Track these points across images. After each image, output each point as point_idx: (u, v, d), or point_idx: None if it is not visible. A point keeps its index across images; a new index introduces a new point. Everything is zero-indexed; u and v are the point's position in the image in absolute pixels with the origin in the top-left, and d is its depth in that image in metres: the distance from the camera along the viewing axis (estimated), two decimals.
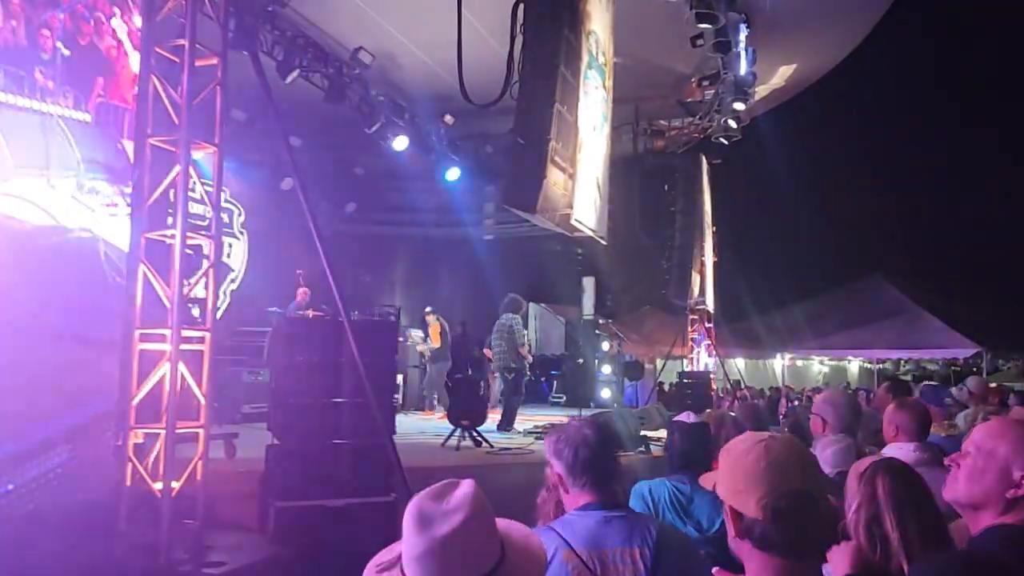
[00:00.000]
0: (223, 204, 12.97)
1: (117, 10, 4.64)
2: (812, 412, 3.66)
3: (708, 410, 5.67)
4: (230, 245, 13.64)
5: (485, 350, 11.67)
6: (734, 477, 1.50)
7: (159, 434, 4.24)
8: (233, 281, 13.70)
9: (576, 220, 7.73)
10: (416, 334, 12.65)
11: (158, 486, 4.14)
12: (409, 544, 1.28)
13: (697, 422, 3.47)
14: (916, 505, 2.05)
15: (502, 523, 1.40)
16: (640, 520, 2.20)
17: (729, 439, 3.76)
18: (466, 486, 1.33)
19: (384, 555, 1.38)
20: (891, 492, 2.12)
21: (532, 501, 2.80)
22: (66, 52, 4.18)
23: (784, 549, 1.43)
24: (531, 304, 14.90)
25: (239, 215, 13.91)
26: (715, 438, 3.60)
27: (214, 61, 4.58)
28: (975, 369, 18.46)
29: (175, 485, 4.18)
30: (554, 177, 7.09)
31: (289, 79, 10.10)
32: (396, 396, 10.69)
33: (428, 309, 12.32)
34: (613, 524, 2.13)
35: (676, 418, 3.56)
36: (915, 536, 2.02)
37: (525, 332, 10.00)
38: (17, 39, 3.87)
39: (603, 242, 9.27)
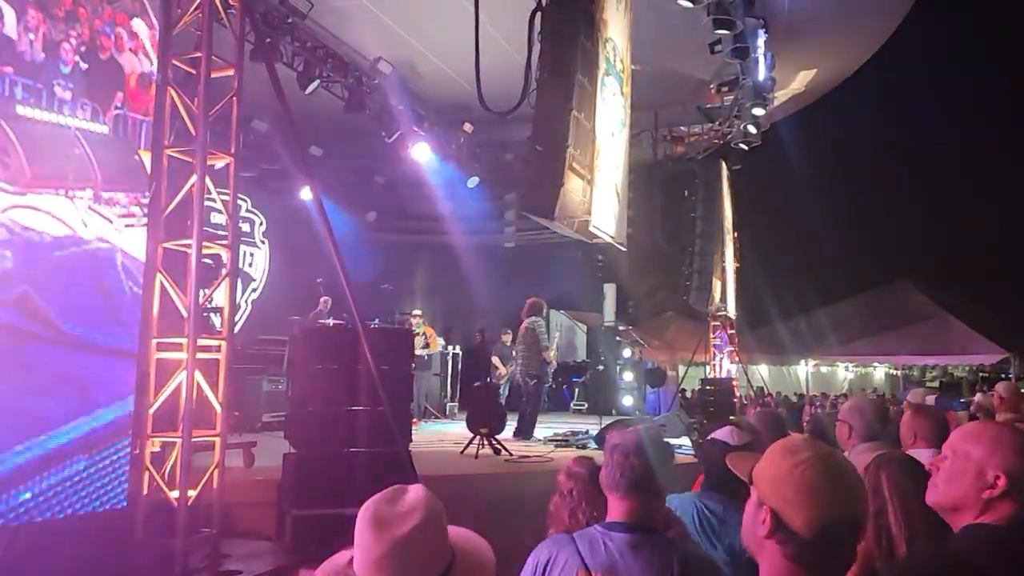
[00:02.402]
0: (245, 214, 13.26)
1: (138, 22, 4.69)
2: (839, 419, 3.60)
3: (732, 417, 5.58)
4: (251, 254, 13.77)
5: (494, 358, 11.65)
6: (788, 484, 1.45)
7: (175, 443, 4.27)
8: (255, 290, 13.83)
9: (594, 226, 7.69)
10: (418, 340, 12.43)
11: (174, 494, 4.17)
12: (366, 547, 1.28)
13: (742, 442, 3.33)
14: (920, 497, 2.02)
15: (458, 533, 1.41)
16: (665, 548, 2.12)
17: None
18: (417, 490, 1.35)
19: (329, 565, 1.38)
20: (895, 484, 2.09)
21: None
22: (84, 66, 4.23)
23: (817, 569, 1.41)
24: (552, 311, 14.85)
25: (260, 224, 14.04)
26: None
27: (230, 72, 4.63)
28: (1003, 375, 18.15)
29: (191, 493, 4.20)
30: (572, 184, 7.06)
31: (309, 90, 10.19)
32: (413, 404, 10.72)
33: (418, 312, 12.24)
34: (636, 551, 2.07)
35: (718, 435, 3.36)
36: (919, 527, 1.99)
37: (555, 335, 9.94)
38: (35, 53, 3.92)
39: (622, 248, 9.22)
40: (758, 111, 12.21)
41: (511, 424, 8.94)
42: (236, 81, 4.57)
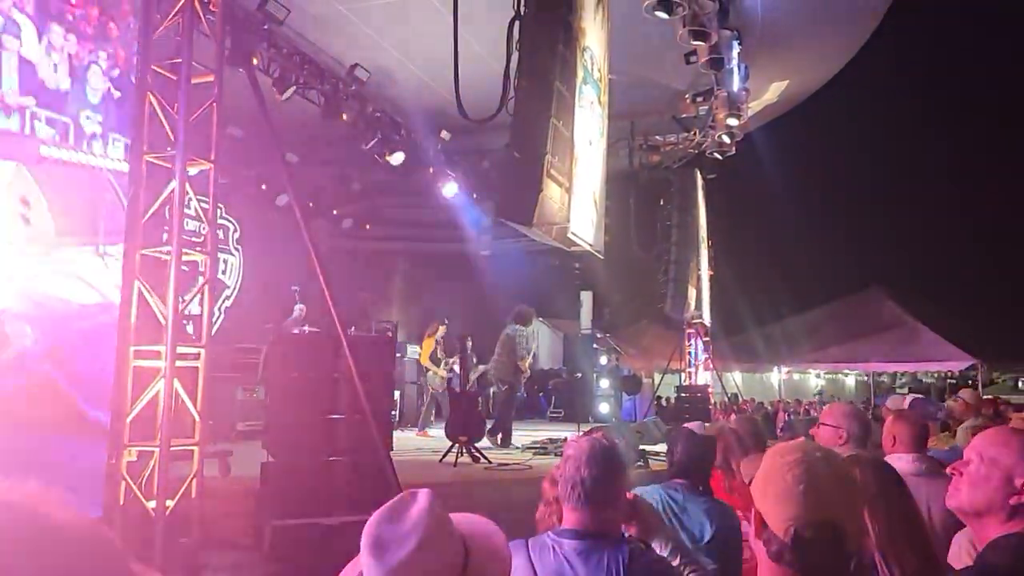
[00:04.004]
0: (219, 220, 13.11)
1: None
2: (829, 425, 3.63)
3: (707, 423, 5.63)
4: (225, 261, 13.63)
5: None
6: (769, 487, 1.48)
7: (153, 452, 4.21)
8: (228, 298, 13.69)
9: (573, 233, 7.72)
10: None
11: (152, 504, 4.11)
12: (367, 570, 1.27)
13: (706, 435, 3.45)
14: (887, 499, 2.05)
15: (465, 522, 1.38)
16: (613, 552, 2.15)
17: (728, 452, 3.78)
18: (421, 501, 1.31)
19: (349, 571, 1.37)
20: (864, 485, 2.11)
21: (531, 517, 2.78)
22: (117, 94, 3.80)
23: (799, 571, 1.43)
24: None
25: (234, 231, 13.91)
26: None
27: (210, 78, 4.58)
28: (970, 381, 18.46)
29: (169, 503, 4.14)
30: (550, 191, 7.08)
31: (285, 96, 10.13)
32: (393, 412, 10.63)
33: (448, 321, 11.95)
34: (584, 557, 2.11)
35: (688, 425, 3.50)
36: (883, 529, 2.01)
37: (532, 346, 9.89)
38: (59, 79, 3.41)
39: (600, 256, 9.27)
40: (732, 121, 12.35)
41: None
42: (216, 87, 4.53)
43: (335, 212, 15.53)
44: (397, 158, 12.56)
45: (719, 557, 2.85)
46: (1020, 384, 21.41)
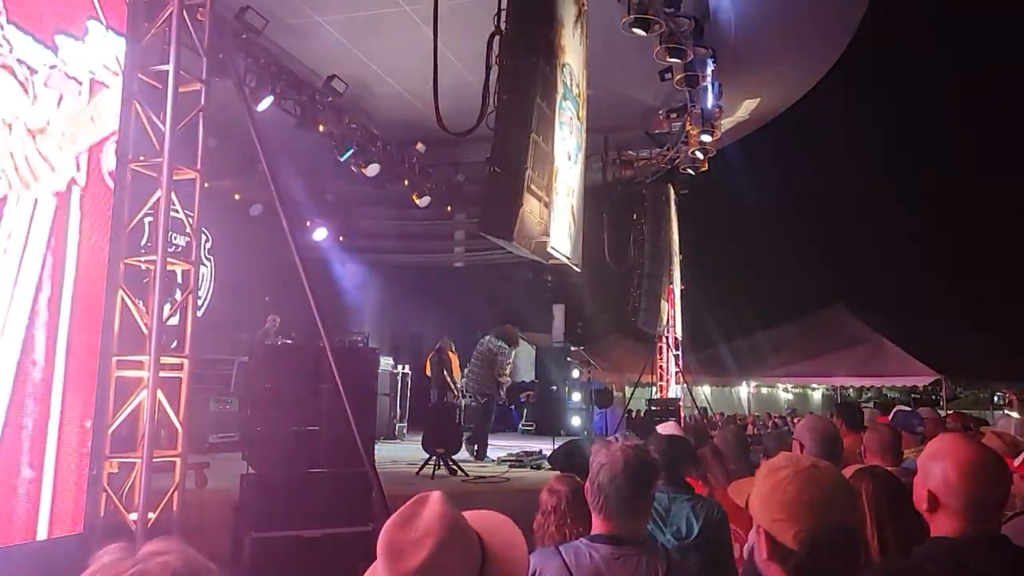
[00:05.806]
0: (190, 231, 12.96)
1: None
2: (792, 438, 3.71)
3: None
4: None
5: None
6: (772, 503, 1.50)
7: (134, 463, 4.15)
8: (199, 308, 13.52)
9: (552, 248, 7.78)
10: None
11: (133, 517, 4.05)
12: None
13: (678, 435, 3.53)
14: (895, 509, 2.10)
15: (480, 519, 1.38)
16: (650, 556, 2.17)
17: (706, 465, 3.84)
18: (433, 505, 1.31)
19: None
20: (872, 497, 2.17)
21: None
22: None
23: None
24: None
25: (207, 241, 13.77)
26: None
27: (197, 87, 4.57)
28: (934, 396, 18.82)
29: (151, 515, 4.09)
30: (530, 205, 7.13)
31: (262, 106, 10.10)
32: None
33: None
34: (621, 561, 2.12)
35: (661, 429, 3.58)
36: (893, 540, 2.06)
37: (509, 362, 9.86)
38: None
39: (578, 270, 9.33)
40: (705, 138, 12.54)
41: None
42: (204, 97, 4.52)
43: (308, 223, 15.44)
44: (372, 170, 12.56)
45: (708, 551, 2.91)
46: (996, 398, 21.74)
